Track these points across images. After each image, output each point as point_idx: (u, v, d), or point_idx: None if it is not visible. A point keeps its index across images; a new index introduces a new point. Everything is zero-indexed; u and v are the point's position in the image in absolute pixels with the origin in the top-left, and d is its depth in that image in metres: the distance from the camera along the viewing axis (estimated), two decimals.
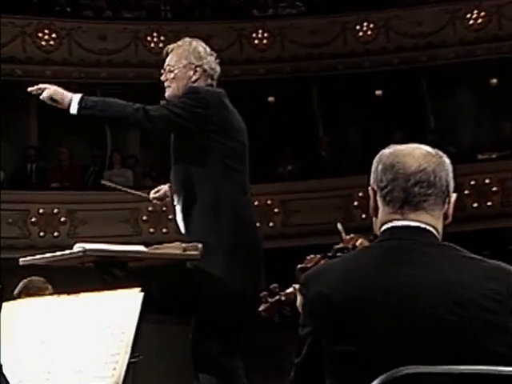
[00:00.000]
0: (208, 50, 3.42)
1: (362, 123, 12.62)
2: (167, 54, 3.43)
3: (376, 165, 1.89)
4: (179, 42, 3.43)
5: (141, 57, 11.85)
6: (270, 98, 12.60)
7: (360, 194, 10.33)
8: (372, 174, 1.90)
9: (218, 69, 3.42)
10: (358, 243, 2.33)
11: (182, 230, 3.27)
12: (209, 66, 3.37)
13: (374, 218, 1.89)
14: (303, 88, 12.11)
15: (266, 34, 12.09)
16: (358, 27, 11.97)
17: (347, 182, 10.60)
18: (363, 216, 10.21)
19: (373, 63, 11.94)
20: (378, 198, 1.87)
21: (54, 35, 11.71)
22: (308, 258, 2.35)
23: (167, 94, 3.38)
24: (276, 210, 11.15)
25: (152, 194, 3.59)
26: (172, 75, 3.34)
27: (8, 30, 11.45)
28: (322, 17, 12.06)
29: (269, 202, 11.00)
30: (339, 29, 11.99)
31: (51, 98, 3.30)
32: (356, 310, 1.73)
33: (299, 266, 2.34)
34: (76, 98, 3.29)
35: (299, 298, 2.28)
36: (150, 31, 11.97)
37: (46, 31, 11.69)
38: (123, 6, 12.70)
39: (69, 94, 3.31)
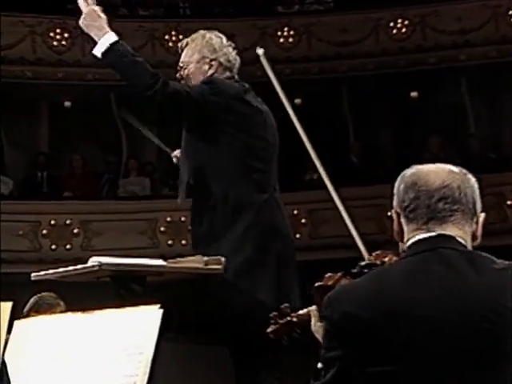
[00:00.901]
0: (224, 40, 3.42)
1: (396, 127, 12.57)
2: (182, 50, 3.43)
3: (398, 185, 1.93)
4: (193, 36, 3.44)
5: (158, 57, 11.91)
6: (297, 101, 12.58)
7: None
8: (395, 196, 1.92)
9: (238, 60, 3.41)
10: (386, 259, 2.31)
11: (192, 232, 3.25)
12: (225, 58, 3.37)
13: (400, 243, 1.92)
14: (332, 89, 12.10)
15: (291, 32, 12.10)
16: (391, 24, 11.94)
17: (380, 191, 10.56)
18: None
19: (407, 62, 11.89)
20: (402, 220, 1.89)
21: (66, 35, 11.81)
22: (327, 276, 2.34)
23: None
24: (303, 221, 11.13)
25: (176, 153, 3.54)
26: (187, 72, 3.36)
27: (17, 29, 11.58)
28: (352, 13, 12.04)
29: (295, 211, 10.98)
30: (371, 26, 11.96)
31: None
32: (391, 328, 1.74)
33: (317, 284, 2.33)
34: (111, 36, 3.20)
35: (314, 320, 2.28)
36: (168, 30, 12.04)
37: (58, 30, 11.80)
38: (139, 2, 12.79)
39: (105, 27, 3.22)
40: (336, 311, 1.80)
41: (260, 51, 3.44)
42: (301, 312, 2.36)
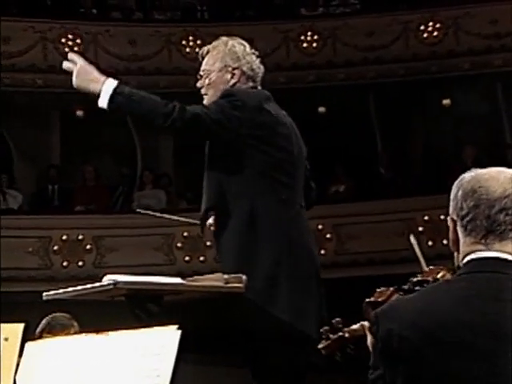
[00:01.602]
0: (248, 48, 3.43)
1: (427, 137, 12.53)
2: (203, 58, 3.44)
3: (456, 191, 1.88)
4: (214, 43, 3.45)
5: (174, 63, 11.97)
6: (321, 109, 12.60)
7: (425, 218, 10.24)
8: (451, 201, 1.89)
9: (262, 69, 3.41)
10: (439, 276, 2.30)
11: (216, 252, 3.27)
12: (248, 66, 3.37)
13: (455, 253, 1.89)
14: (359, 97, 12.08)
15: (315, 36, 12.11)
16: (422, 27, 11.92)
17: (410, 204, 10.53)
18: (429, 243, 10.12)
19: (439, 68, 11.85)
20: (459, 229, 1.87)
21: (78, 40, 11.90)
22: (378, 290, 2.33)
23: (205, 102, 3.37)
24: (328, 236, 11.11)
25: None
26: (208, 81, 3.36)
27: (28, 35, 11.68)
28: (380, 16, 12.03)
29: (320, 226, 10.97)
30: (400, 29, 11.95)
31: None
32: (436, 351, 1.73)
33: (367, 300, 2.33)
34: (111, 82, 3.19)
35: (370, 337, 2.27)
36: (185, 34, 12.10)
37: (70, 36, 11.89)
38: (155, 6, 12.86)
39: (100, 77, 3.21)
40: (381, 328, 1.79)
41: (413, 240, 3.34)
42: (354, 327, 2.36)
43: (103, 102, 3.21)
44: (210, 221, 3.25)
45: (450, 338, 1.73)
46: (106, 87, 3.19)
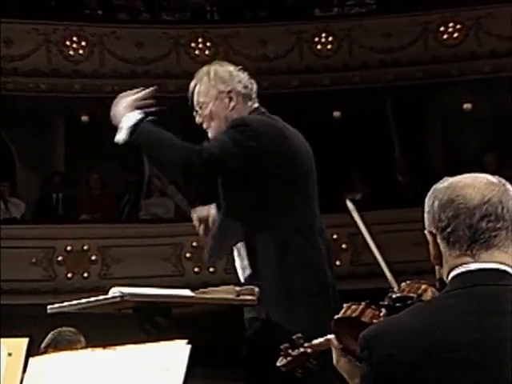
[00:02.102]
0: (229, 67, 3.45)
1: (447, 142, 12.51)
2: (192, 93, 3.47)
3: (430, 202, 1.89)
4: (197, 75, 3.47)
5: (183, 66, 12.00)
6: (336, 113, 12.60)
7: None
8: (426, 214, 1.89)
9: (254, 84, 3.43)
10: (420, 291, 2.28)
11: (242, 277, 3.29)
12: (241, 85, 3.39)
13: (437, 267, 1.88)
14: (375, 101, 12.08)
15: (330, 38, 12.12)
16: (441, 28, 11.91)
17: None
18: None
19: (460, 71, 11.83)
20: (440, 242, 1.85)
21: (83, 43, 11.95)
22: (346, 306, 2.32)
23: (210, 136, 3.39)
24: (343, 246, 11.10)
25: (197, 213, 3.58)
26: (207, 111, 3.38)
27: (31, 37, 11.73)
28: (398, 16, 12.03)
29: (335, 236, 10.95)
30: (419, 30, 11.94)
31: None
32: (437, 372, 1.72)
33: (336, 316, 2.31)
34: (133, 116, 3.25)
35: (336, 355, 2.27)
36: (194, 36, 12.13)
37: (75, 38, 11.94)
38: (163, 7, 12.91)
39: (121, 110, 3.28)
40: (375, 353, 1.77)
41: (350, 205, 3.44)
42: (316, 342, 2.35)
43: (120, 138, 3.42)
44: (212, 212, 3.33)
45: (451, 358, 1.71)
46: (127, 120, 3.32)
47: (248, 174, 3.22)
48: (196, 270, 11.13)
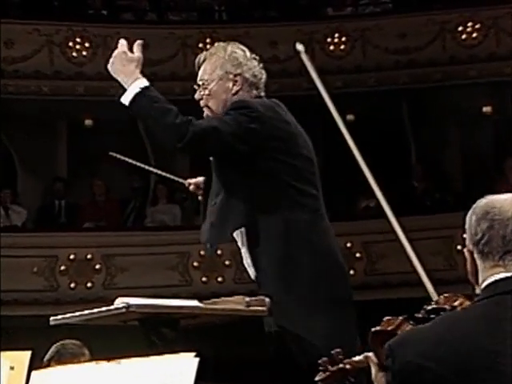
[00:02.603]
0: (248, 53, 3.43)
1: (465, 147, 12.48)
2: (199, 67, 3.44)
3: (469, 219, 1.99)
4: (212, 49, 3.46)
5: (191, 68, 11.94)
6: (349, 117, 12.59)
7: (464, 236, 10.19)
8: (467, 232, 1.99)
9: (264, 75, 3.42)
10: (456, 303, 2.31)
11: (252, 275, 3.28)
12: (251, 73, 3.37)
13: (475, 286, 1.95)
14: (391, 104, 12.07)
15: (343, 38, 12.13)
16: (460, 28, 11.89)
17: (447, 221, 10.47)
18: None
19: (479, 72, 11.80)
20: (476, 257, 1.93)
21: (86, 44, 11.99)
22: (386, 319, 2.35)
23: (206, 114, 3.39)
24: (358, 255, 11.09)
25: (189, 180, 3.60)
26: (207, 91, 3.37)
27: (32, 38, 11.78)
28: (414, 15, 12.02)
29: (348, 244, 10.95)
30: (436, 30, 11.93)
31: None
32: (462, 381, 1.76)
33: (374, 329, 2.34)
34: (142, 81, 3.28)
35: (374, 370, 2.29)
36: (202, 37, 12.15)
37: (78, 39, 11.98)
38: (169, 7, 12.94)
39: (135, 72, 3.33)
40: (398, 361, 1.83)
41: (300, 47, 3.48)
42: (356, 358, 2.38)
43: (125, 100, 3.33)
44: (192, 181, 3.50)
45: (475, 366, 1.76)
46: (133, 87, 3.25)
47: (249, 156, 3.20)
48: (204, 279, 11.14)
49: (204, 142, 3.19)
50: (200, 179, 3.56)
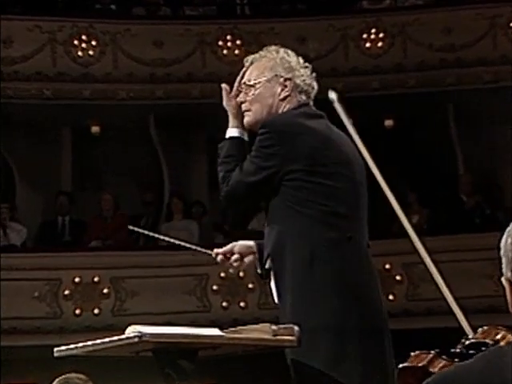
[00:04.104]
0: (301, 61, 3.50)
1: None
2: (245, 70, 3.49)
3: (504, 243, 1.99)
4: (261, 52, 3.50)
5: (209, 68, 12.07)
6: (388, 122, 12.58)
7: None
8: (502, 259, 1.98)
9: (315, 87, 3.47)
10: (499, 337, 2.28)
11: (276, 299, 3.32)
12: (301, 79, 3.44)
13: None
14: (435, 107, 12.04)
15: (381, 35, 12.12)
16: None
17: (499, 239, 10.41)
18: None
19: None
20: None
21: (93, 42, 12.05)
22: (414, 354, 2.33)
23: (246, 120, 3.44)
24: (398, 278, 11.04)
25: (217, 250, 3.65)
26: (252, 93, 3.42)
27: (34, 36, 11.86)
28: (461, 8, 11.99)
29: (387, 265, 10.92)
30: (486, 25, 11.89)
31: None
32: None
33: (402, 365, 2.32)
34: (231, 130, 3.48)
35: None
36: (222, 33, 12.19)
37: (84, 37, 12.05)
38: (185, 0, 12.99)
39: (234, 119, 3.48)
40: None
41: (333, 95, 3.53)
42: None
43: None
44: (235, 257, 3.49)
45: None
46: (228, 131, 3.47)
47: (278, 182, 3.29)
48: (224, 304, 11.13)
49: (237, 202, 3.38)
50: (228, 247, 3.58)
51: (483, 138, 12.23)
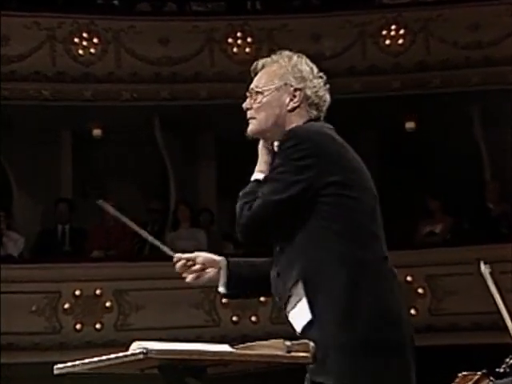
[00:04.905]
0: (315, 70, 3.47)
1: None
2: (255, 73, 3.49)
3: None
4: (274, 57, 3.49)
5: (218, 67, 12.09)
6: (409, 124, 12.57)
7: None
8: None
9: (328, 100, 3.46)
10: None
11: (298, 329, 3.31)
12: (314, 91, 3.42)
13: None
14: (459, 109, 12.03)
15: (401, 31, 12.12)
16: None
17: None
18: None
19: None
20: None
21: (95, 40, 12.09)
22: (461, 375, 2.33)
23: (250, 128, 3.43)
24: (420, 291, 11.02)
25: (179, 255, 3.67)
26: (259, 100, 3.41)
27: (31, 33, 11.90)
28: (488, 3, 11.96)
29: (409, 278, 10.90)
30: None
31: None
32: None
33: None
34: (257, 174, 3.45)
35: None
36: (232, 30, 12.21)
37: (85, 34, 12.08)
38: None
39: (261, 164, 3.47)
40: None
41: (484, 268, 3.50)
42: None
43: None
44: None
45: None
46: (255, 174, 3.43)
47: (310, 198, 3.27)
48: (234, 319, 11.14)
49: (263, 224, 3.33)
50: (192, 255, 3.71)
51: (511, 141, 12.21)
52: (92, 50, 12.05)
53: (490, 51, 11.88)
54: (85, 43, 12.03)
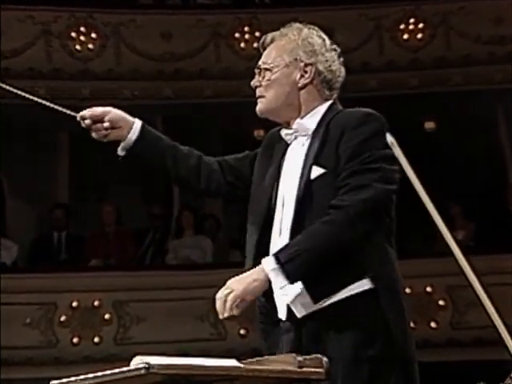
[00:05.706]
0: (328, 42, 3.49)
1: None
2: (264, 48, 3.50)
3: None
4: (283, 30, 3.50)
5: (224, 63, 12.11)
6: (428, 124, 12.58)
7: None
8: None
9: (343, 73, 3.47)
10: None
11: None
12: (326, 66, 3.43)
13: None
14: (482, 107, 12.04)
15: (420, 25, 12.14)
16: None
17: None
18: None
19: None
20: None
21: (93, 35, 12.12)
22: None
23: (258, 107, 3.45)
24: (441, 303, 11.01)
25: (83, 113, 3.66)
26: (268, 77, 3.42)
27: (26, 28, 11.93)
28: None
29: (429, 288, 10.89)
30: None
31: None
32: None
33: None
34: (270, 263, 3.45)
35: None
36: (239, 24, 12.23)
37: (82, 29, 12.11)
38: None
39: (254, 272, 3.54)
40: None
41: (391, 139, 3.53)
42: None
43: (289, 295, 3.54)
44: None
45: None
46: (272, 275, 3.45)
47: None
48: (242, 332, 11.14)
49: (369, 211, 3.32)
50: (99, 111, 3.61)
51: None
52: (90, 46, 12.08)
53: None
54: (82, 38, 12.07)
